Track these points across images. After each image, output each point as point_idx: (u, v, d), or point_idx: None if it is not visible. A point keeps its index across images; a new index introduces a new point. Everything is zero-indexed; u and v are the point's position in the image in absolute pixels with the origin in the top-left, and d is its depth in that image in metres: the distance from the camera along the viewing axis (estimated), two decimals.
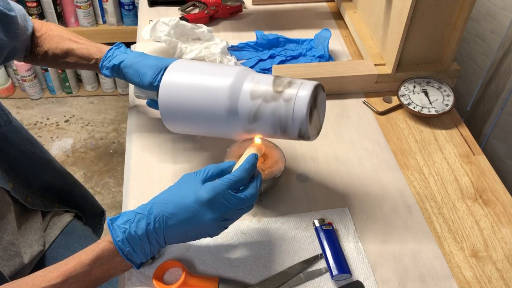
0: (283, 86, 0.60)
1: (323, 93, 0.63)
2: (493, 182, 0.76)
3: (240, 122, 0.62)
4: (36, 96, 2.17)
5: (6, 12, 0.69)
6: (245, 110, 0.61)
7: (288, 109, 0.59)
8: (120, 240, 0.54)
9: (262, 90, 0.61)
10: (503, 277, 0.64)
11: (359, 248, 0.66)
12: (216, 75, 0.63)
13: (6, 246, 0.73)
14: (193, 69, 0.66)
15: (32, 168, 0.83)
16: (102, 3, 1.91)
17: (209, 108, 0.62)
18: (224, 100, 0.61)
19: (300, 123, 0.59)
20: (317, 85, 0.60)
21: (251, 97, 0.61)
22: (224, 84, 0.62)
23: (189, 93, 0.63)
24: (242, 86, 0.62)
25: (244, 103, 0.61)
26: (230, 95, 0.61)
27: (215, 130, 0.65)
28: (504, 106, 0.94)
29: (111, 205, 1.76)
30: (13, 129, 0.78)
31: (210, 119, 0.63)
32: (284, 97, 0.59)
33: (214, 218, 0.55)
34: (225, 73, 0.63)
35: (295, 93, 0.59)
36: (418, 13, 0.82)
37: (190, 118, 0.65)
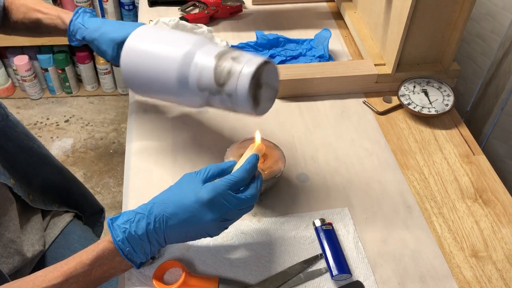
0: (223, 77, 0.60)
1: (269, 67, 0.61)
2: (493, 182, 0.76)
3: (193, 96, 0.63)
4: (36, 96, 2.17)
5: None
6: (195, 91, 0.62)
7: (233, 102, 0.60)
8: (120, 240, 0.54)
9: (206, 83, 0.61)
10: (503, 277, 0.64)
11: (359, 248, 0.66)
12: (172, 44, 0.64)
13: (7, 244, 0.73)
14: (154, 36, 0.67)
15: (31, 164, 0.83)
16: (102, 3, 1.91)
17: (162, 80, 0.63)
18: (173, 75, 0.62)
19: (248, 111, 0.60)
20: (255, 70, 0.58)
21: (198, 87, 0.61)
22: (176, 56, 0.62)
23: (146, 63, 0.64)
24: (191, 64, 0.61)
25: (193, 86, 0.62)
26: (180, 70, 0.61)
27: (173, 100, 0.67)
28: (504, 106, 0.94)
29: (111, 205, 1.76)
30: (10, 124, 0.78)
31: (165, 90, 0.64)
32: (227, 92, 0.60)
33: (214, 218, 0.55)
34: (181, 42, 0.63)
35: (234, 87, 0.59)
36: (418, 13, 0.82)
37: (149, 87, 0.67)
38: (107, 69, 2.12)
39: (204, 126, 0.84)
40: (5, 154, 0.77)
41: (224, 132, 0.82)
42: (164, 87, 0.64)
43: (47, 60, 2.05)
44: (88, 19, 0.75)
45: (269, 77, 0.62)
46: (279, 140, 0.81)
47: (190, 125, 0.84)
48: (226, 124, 0.84)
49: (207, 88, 0.61)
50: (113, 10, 1.92)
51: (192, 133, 0.82)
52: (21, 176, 0.81)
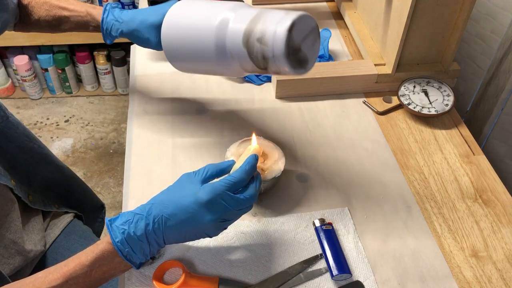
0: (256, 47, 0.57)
1: (307, 22, 0.59)
2: (493, 182, 0.76)
3: (233, 63, 0.62)
4: (36, 96, 2.17)
5: None
6: (234, 48, 0.60)
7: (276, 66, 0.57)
8: (119, 241, 0.54)
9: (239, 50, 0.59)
10: (503, 277, 0.64)
11: (359, 248, 0.66)
12: (207, 15, 0.63)
13: (8, 244, 0.73)
14: (190, 10, 0.66)
15: (31, 164, 0.83)
16: (102, 3, 1.91)
17: (201, 50, 0.63)
18: (211, 43, 0.61)
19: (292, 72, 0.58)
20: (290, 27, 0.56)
21: (234, 55, 0.60)
22: (212, 24, 0.61)
23: (184, 35, 0.64)
24: (228, 26, 0.60)
25: (232, 41, 0.60)
26: (217, 34, 0.60)
27: (215, 70, 0.66)
28: (504, 106, 0.94)
29: (111, 205, 1.76)
30: (10, 125, 0.78)
31: (206, 60, 0.64)
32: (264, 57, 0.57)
33: (213, 219, 0.55)
34: (215, 11, 0.62)
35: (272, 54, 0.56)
36: (418, 13, 0.82)
37: (188, 59, 0.66)
38: (107, 69, 2.12)
39: (204, 126, 0.84)
40: (5, 154, 0.77)
41: (224, 132, 0.82)
42: (204, 57, 0.63)
43: (47, 60, 2.05)
44: (119, 12, 0.75)
45: (303, 29, 0.59)
46: (279, 140, 0.81)
47: (190, 125, 0.84)
48: (226, 124, 0.84)
49: (241, 53, 0.59)
50: None
51: (192, 133, 0.82)
52: (21, 176, 0.81)
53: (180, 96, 0.89)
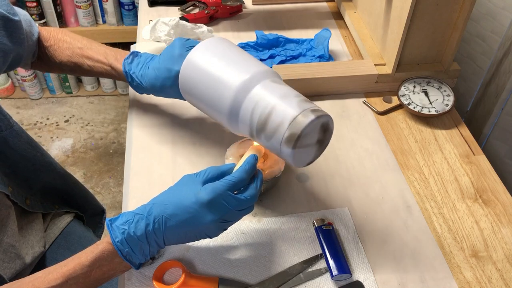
0: (269, 130, 0.58)
1: (317, 122, 0.58)
2: (493, 182, 0.76)
3: (241, 126, 0.62)
4: (36, 96, 2.17)
5: (10, 17, 0.68)
6: (245, 122, 0.61)
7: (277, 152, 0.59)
8: (119, 241, 0.54)
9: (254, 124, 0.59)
10: (503, 277, 0.64)
11: (359, 248, 0.66)
12: (234, 69, 0.62)
13: (7, 248, 0.73)
14: (219, 53, 0.65)
15: (33, 171, 0.83)
16: (102, 3, 1.91)
17: (216, 101, 0.62)
18: (229, 101, 0.60)
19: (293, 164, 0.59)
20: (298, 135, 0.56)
21: (249, 122, 0.60)
22: (235, 81, 0.60)
23: (204, 78, 0.63)
24: (251, 91, 0.60)
25: (244, 118, 0.60)
26: (235, 97, 0.60)
27: (220, 121, 0.66)
28: (504, 106, 0.94)
29: (111, 205, 1.76)
30: (14, 133, 0.78)
31: (216, 111, 0.63)
32: (272, 142, 0.58)
33: (214, 219, 0.55)
34: (243, 69, 0.61)
35: (278, 146, 0.57)
36: (418, 13, 0.82)
37: (201, 101, 0.65)
38: None
39: (204, 126, 0.84)
40: (6, 161, 0.77)
41: (224, 132, 0.82)
42: (216, 109, 0.63)
43: None
44: (135, 68, 0.74)
45: (318, 128, 0.59)
46: None
47: (190, 125, 0.84)
48: None
49: (255, 128, 0.60)
50: (113, 10, 1.92)
51: (192, 133, 0.82)
52: (22, 181, 0.81)
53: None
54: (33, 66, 0.80)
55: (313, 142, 0.59)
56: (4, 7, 0.68)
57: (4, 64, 0.69)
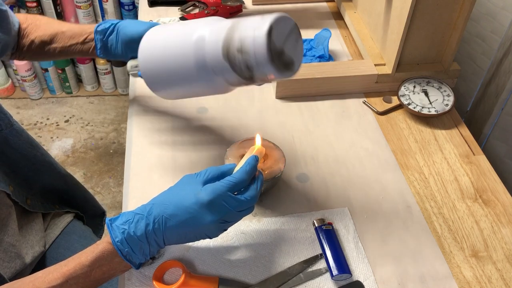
0: (235, 49, 0.55)
1: (285, 22, 0.57)
2: (493, 182, 0.76)
3: (217, 79, 0.60)
4: (36, 96, 2.17)
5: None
6: (214, 65, 0.58)
7: (258, 72, 0.55)
8: (119, 240, 0.54)
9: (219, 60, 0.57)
10: (503, 277, 0.64)
11: (359, 248, 0.66)
12: (184, 32, 0.61)
13: (7, 248, 0.73)
14: (166, 30, 0.65)
15: (33, 170, 0.83)
16: (102, 3, 1.92)
17: (181, 70, 0.61)
18: (191, 58, 0.59)
19: (275, 75, 0.56)
20: (268, 30, 0.54)
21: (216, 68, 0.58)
22: (190, 39, 0.59)
23: (163, 55, 0.62)
24: (205, 38, 0.58)
25: (211, 52, 0.58)
26: (195, 48, 0.58)
27: (198, 89, 0.64)
28: (504, 106, 0.94)
29: (111, 205, 1.76)
30: (14, 132, 0.78)
31: (188, 80, 0.62)
32: (246, 64, 0.55)
33: (214, 220, 0.55)
34: (192, 28, 0.61)
35: (253, 57, 0.54)
36: (418, 13, 0.82)
37: (170, 82, 0.64)
38: (107, 69, 2.12)
39: (204, 126, 0.84)
40: (7, 160, 0.77)
41: (224, 132, 0.82)
42: (186, 78, 0.61)
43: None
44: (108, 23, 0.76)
45: (283, 30, 0.57)
46: (279, 140, 0.81)
47: (190, 125, 0.84)
48: (226, 124, 0.84)
49: (224, 67, 0.57)
50: (113, 10, 1.92)
51: (192, 133, 0.82)
52: (22, 180, 0.81)
53: None
54: (12, 56, 0.81)
55: (285, 38, 0.57)
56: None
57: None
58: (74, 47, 0.77)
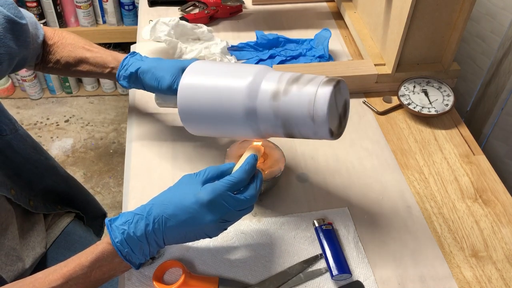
0: (303, 83, 0.57)
1: (344, 89, 0.59)
2: (493, 182, 0.76)
3: (260, 122, 0.60)
4: (36, 96, 2.17)
5: (17, 20, 0.67)
6: (265, 110, 0.58)
7: (309, 107, 0.56)
8: (118, 241, 0.54)
9: (282, 88, 0.58)
10: (503, 277, 0.64)
11: (359, 248, 0.66)
12: (234, 75, 0.61)
13: (8, 252, 0.73)
14: (211, 70, 0.64)
15: (37, 174, 0.83)
16: (102, 3, 1.91)
17: (227, 109, 0.60)
18: (243, 100, 0.59)
19: (326, 136, 0.57)
20: (336, 82, 0.56)
21: (272, 97, 0.58)
22: (242, 84, 0.59)
23: (208, 95, 0.61)
24: (261, 86, 0.59)
25: (263, 102, 0.58)
26: (249, 94, 0.58)
27: (235, 131, 0.63)
28: (504, 106, 0.94)
29: (111, 205, 1.76)
30: (18, 137, 0.78)
31: (229, 121, 0.61)
32: (303, 94, 0.56)
33: (213, 219, 0.55)
34: (244, 72, 0.61)
35: (314, 91, 0.55)
36: (418, 13, 0.82)
37: (209, 120, 0.63)
38: None
39: None
40: (10, 164, 0.77)
41: None
42: (230, 119, 0.60)
43: None
44: (145, 57, 0.76)
45: (341, 96, 0.58)
46: (279, 140, 0.81)
47: None
48: None
49: (281, 92, 0.57)
50: (113, 10, 1.92)
51: None
52: (24, 183, 0.81)
53: None
54: (36, 68, 0.80)
55: (340, 103, 0.58)
56: (11, 10, 0.67)
57: (10, 66, 0.69)
58: (98, 75, 0.78)
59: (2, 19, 0.65)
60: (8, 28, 0.66)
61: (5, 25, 0.65)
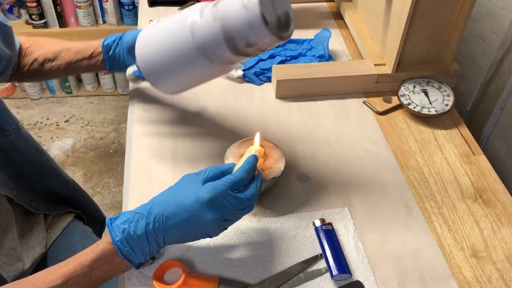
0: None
1: None
2: (493, 182, 0.76)
3: (204, 40, 0.60)
4: (36, 96, 2.17)
5: (4, 23, 0.71)
6: (205, 20, 0.60)
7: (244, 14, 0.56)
8: (119, 240, 0.54)
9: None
10: (503, 277, 0.64)
11: (359, 248, 0.66)
12: (178, 19, 0.63)
13: (8, 252, 0.73)
14: (160, 24, 0.66)
15: (38, 175, 0.84)
16: (102, 3, 1.92)
17: (178, 52, 0.62)
18: (188, 42, 0.60)
19: (271, 38, 0.57)
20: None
21: (213, 19, 0.59)
22: (187, 21, 0.61)
23: (160, 44, 0.63)
24: (193, 8, 0.61)
25: (204, 18, 0.60)
26: (192, 26, 0.60)
27: (196, 68, 0.64)
28: (504, 106, 0.94)
29: (111, 205, 1.76)
30: (21, 137, 0.78)
31: (184, 62, 0.63)
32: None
33: (214, 218, 0.55)
34: (186, 13, 0.63)
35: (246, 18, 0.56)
36: (418, 13, 0.82)
37: (169, 68, 0.64)
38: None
39: (204, 126, 0.84)
40: (13, 164, 0.77)
41: (224, 132, 0.82)
42: (183, 61, 0.62)
43: None
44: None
45: (280, 3, 0.60)
46: (279, 140, 0.81)
47: (190, 125, 0.84)
48: (226, 124, 0.84)
49: (218, 42, 0.59)
50: (113, 10, 1.92)
51: (192, 133, 0.82)
52: (26, 184, 0.81)
53: (180, 96, 0.89)
54: (12, 78, 0.80)
55: (280, 8, 0.60)
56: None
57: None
58: (80, 63, 0.78)
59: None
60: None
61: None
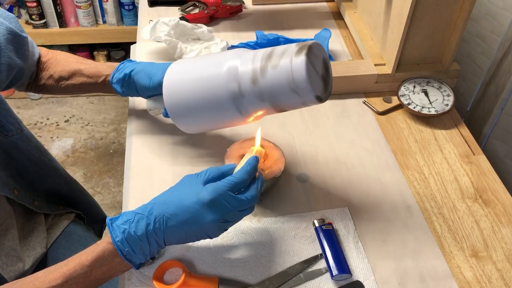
0: (277, 58, 0.58)
1: (319, 50, 0.59)
2: (493, 182, 0.76)
3: (248, 105, 0.61)
4: (36, 96, 2.17)
5: (19, 33, 0.71)
6: (249, 95, 0.59)
7: (289, 82, 0.56)
8: (119, 240, 0.54)
9: (258, 68, 0.58)
10: (503, 277, 0.64)
11: (359, 248, 0.66)
12: (213, 64, 0.62)
13: (8, 252, 0.73)
14: (191, 63, 0.66)
15: (40, 175, 0.84)
16: (102, 3, 1.91)
17: (212, 96, 0.61)
18: (226, 84, 0.60)
19: (312, 98, 0.57)
20: (308, 48, 0.56)
21: (251, 82, 0.59)
22: (221, 70, 0.60)
23: (191, 86, 0.63)
24: (238, 69, 0.60)
25: (246, 88, 0.59)
26: (228, 79, 0.60)
27: (225, 118, 0.64)
28: (504, 106, 0.94)
29: (111, 205, 1.76)
30: (24, 138, 0.79)
31: (217, 108, 0.62)
32: (279, 70, 0.57)
33: (214, 219, 0.55)
34: (221, 59, 0.62)
35: (289, 64, 0.56)
36: (418, 13, 0.82)
37: (197, 112, 0.64)
38: None
39: None
40: (15, 164, 0.77)
41: (224, 132, 0.82)
42: (216, 106, 0.62)
43: None
44: (141, 62, 0.77)
45: (318, 58, 0.59)
46: (279, 140, 0.81)
47: None
48: None
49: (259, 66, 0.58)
50: (113, 10, 1.92)
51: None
52: (28, 184, 0.81)
53: None
54: (28, 87, 0.82)
55: (319, 65, 0.58)
56: (13, 24, 0.71)
57: (8, 78, 0.71)
58: (93, 86, 0.79)
59: (4, 30, 0.68)
60: (10, 39, 0.69)
61: (7, 36, 0.68)
